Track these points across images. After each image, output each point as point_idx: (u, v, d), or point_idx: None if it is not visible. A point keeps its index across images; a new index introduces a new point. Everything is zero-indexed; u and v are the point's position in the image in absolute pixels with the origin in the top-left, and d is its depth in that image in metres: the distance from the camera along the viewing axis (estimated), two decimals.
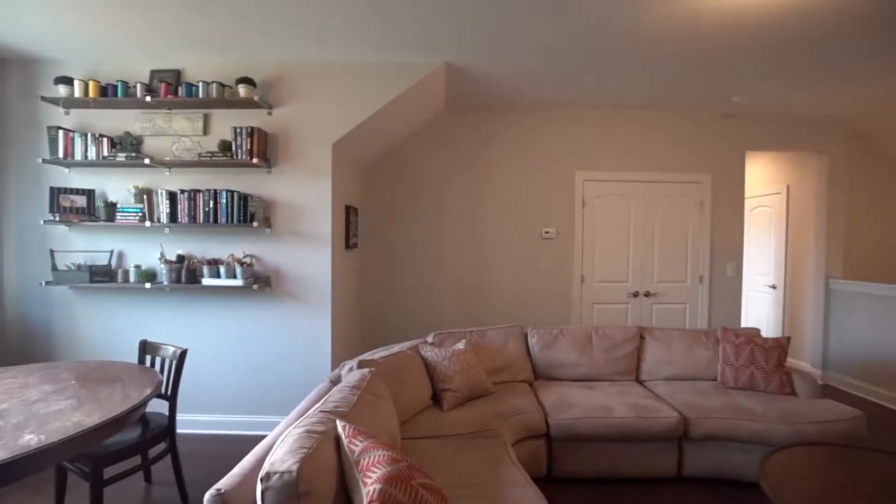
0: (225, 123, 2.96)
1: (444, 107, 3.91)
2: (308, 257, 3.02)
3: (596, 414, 2.41)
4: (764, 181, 5.05)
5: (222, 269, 2.81)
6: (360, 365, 2.17)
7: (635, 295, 4.07)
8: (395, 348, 2.62)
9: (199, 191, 2.83)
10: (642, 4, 2.23)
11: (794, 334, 4.64)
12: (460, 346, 2.68)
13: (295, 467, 1.17)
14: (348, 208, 3.41)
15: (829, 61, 2.88)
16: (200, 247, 3.00)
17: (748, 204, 5.21)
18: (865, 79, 3.17)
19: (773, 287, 4.86)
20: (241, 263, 2.84)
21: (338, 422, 1.46)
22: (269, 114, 2.98)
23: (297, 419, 1.59)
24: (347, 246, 3.40)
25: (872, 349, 3.85)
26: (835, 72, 3.05)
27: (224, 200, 2.80)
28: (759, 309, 5.06)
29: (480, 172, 4.01)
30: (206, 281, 2.82)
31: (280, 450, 1.29)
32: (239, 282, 2.78)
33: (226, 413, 3.08)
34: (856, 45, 2.64)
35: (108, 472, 1.88)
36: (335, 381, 2.17)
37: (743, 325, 5.09)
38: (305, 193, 3.01)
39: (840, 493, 1.59)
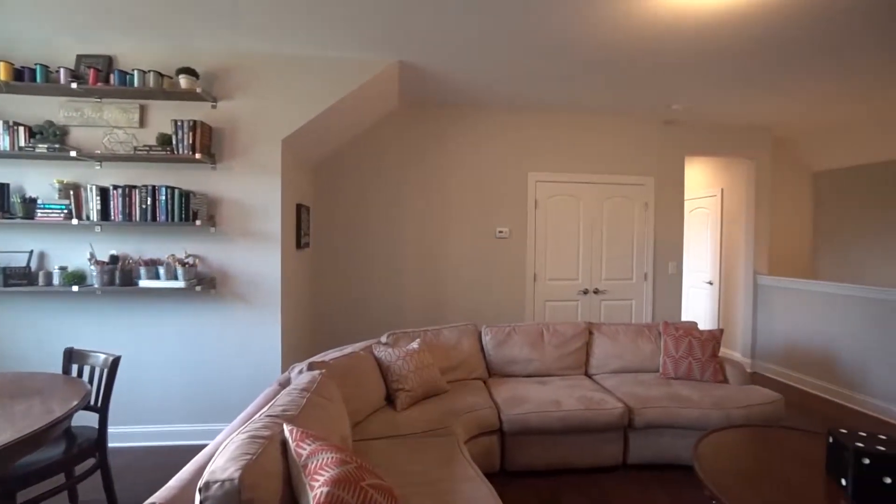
0: (164, 116, 2.78)
1: (399, 105, 3.89)
2: (257, 257, 2.90)
3: (546, 408, 2.48)
4: (701, 184, 5.40)
5: (162, 271, 2.64)
6: (311, 367, 2.11)
7: (585, 292, 4.23)
8: (348, 349, 2.58)
9: (135, 187, 2.64)
10: (586, 15, 2.32)
11: (727, 326, 5.00)
12: (414, 345, 2.67)
13: (237, 475, 1.12)
14: (299, 206, 3.31)
15: (754, 75, 3.12)
16: (137, 247, 2.80)
17: (687, 206, 5.56)
18: (784, 92, 3.47)
19: (710, 283, 5.21)
20: (183, 264, 2.68)
21: (285, 426, 1.41)
22: (214, 107, 2.84)
23: (242, 425, 1.53)
24: (299, 245, 3.30)
25: (792, 339, 4.22)
26: (759, 85, 3.31)
27: (164, 197, 2.63)
28: (698, 303, 5.41)
29: (435, 172, 4.02)
30: (144, 283, 2.64)
31: (221, 457, 1.23)
32: (180, 283, 2.62)
33: (167, 423, 2.90)
34: (775, 62, 2.88)
35: (28, 493, 1.72)
36: (284, 384, 2.10)
37: (683, 318, 5.43)
38: (254, 191, 2.89)
39: (760, 468, 1.73)
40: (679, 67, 3.02)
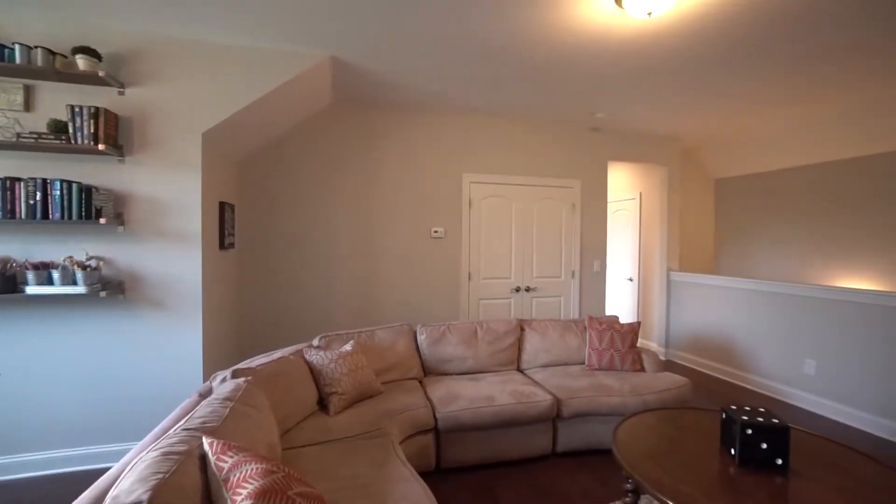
0: (57, 100, 2.48)
1: (332, 101, 3.78)
2: (174, 259, 2.68)
3: (480, 404, 2.54)
4: (623, 188, 5.83)
5: (56, 275, 2.34)
6: (235, 375, 1.99)
7: (517, 290, 4.40)
8: (277, 354, 2.46)
9: (19, 179, 2.31)
10: (514, 24, 2.41)
11: (645, 319, 5.44)
12: (348, 347, 2.62)
13: (146, 497, 1.04)
14: (223, 205, 3.10)
15: (665, 90, 3.43)
16: (23, 248, 2.46)
17: (610, 207, 5.97)
18: (690, 107, 3.85)
19: (631, 280, 5.63)
20: (84, 267, 2.40)
21: (204, 438, 1.32)
22: (122, 94, 2.57)
23: (154, 441, 1.41)
24: (222, 246, 3.10)
25: (699, 328, 4.69)
26: (669, 99, 3.64)
27: (58, 192, 2.33)
28: (621, 299, 5.83)
29: (370, 171, 3.96)
30: (32, 289, 2.32)
31: (128, 479, 1.13)
32: (80, 289, 2.35)
33: (66, 447, 2.58)
34: (682, 79, 3.18)
35: None
36: (205, 394, 1.96)
37: (607, 313, 5.82)
38: (170, 187, 2.66)
39: (667, 445, 1.91)
40: (601, 79, 3.23)
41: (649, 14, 2.14)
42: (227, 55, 2.72)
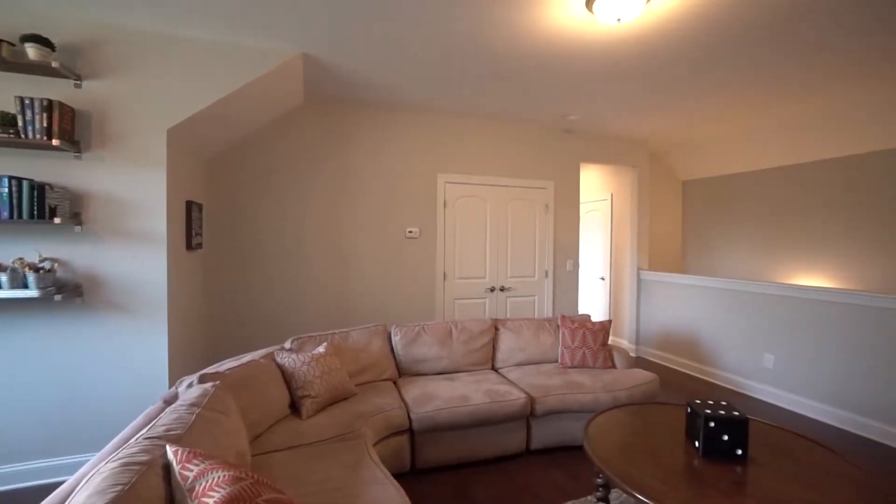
0: (5, 90, 2.33)
1: (304, 99, 3.71)
2: (137, 260, 2.57)
3: (455, 404, 2.55)
4: (595, 189, 5.96)
5: (4, 278, 2.20)
6: (203, 379, 1.93)
7: (492, 290, 4.43)
8: (247, 357, 2.40)
9: None
10: (488, 26, 2.43)
11: (616, 317, 5.58)
12: (321, 349, 2.58)
13: None
14: (190, 204, 3.00)
15: (633, 95, 3.52)
16: None
17: (583, 208, 6.09)
18: (657, 111, 3.97)
19: (603, 279, 5.76)
20: (36, 269, 2.28)
21: (168, 447, 1.27)
22: (78, 86, 2.45)
23: (114, 452, 1.35)
24: (189, 247, 2.99)
25: (667, 325, 4.84)
26: (638, 103, 3.74)
27: (6, 189, 2.19)
28: (594, 297, 5.95)
29: (343, 170, 3.91)
30: None
31: (83, 492, 1.08)
32: (32, 292, 2.22)
33: (18, 461, 2.44)
34: (649, 85, 3.28)
35: None
36: (171, 400, 1.89)
37: (580, 312, 5.93)
38: (133, 185, 2.55)
39: (635, 440, 1.96)
40: (573, 82, 3.29)
41: (619, 20, 2.20)
42: (195, 50, 2.63)
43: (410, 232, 4.10)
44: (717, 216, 5.55)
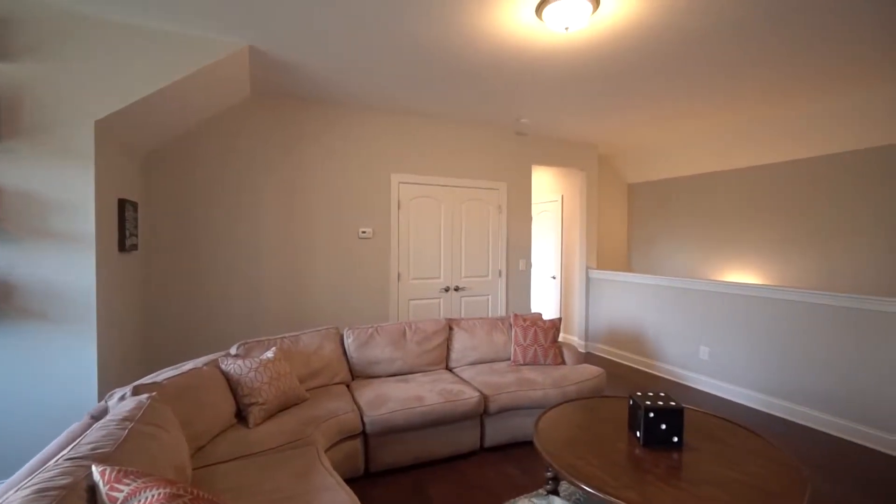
0: None
1: (252, 95, 3.56)
2: (60, 263, 2.36)
3: (409, 405, 2.54)
4: (546, 190, 6.14)
5: None
6: (137, 391, 1.80)
7: (447, 290, 4.46)
8: (188, 366, 2.27)
9: None
10: (438, 26, 2.44)
11: (567, 314, 5.78)
12: (269, 354, 2.48)
13: None
14: (123, 202, 2.79)
15: (579, 101, 3.67)
16: None
17: (535, 209, 6.26)
18: (601, 117, 4.15)
19: (554, 277, 5.95)
20: None
21: (94, 467, 1.18)
22: None
23: (28, 477, 1.23)
24: (122, 248, 2.79)
25: (614, 322, 5.08)
26: (586, 108, 3.90)
27: None
28: (546, 296, 6.14)
29: (294, 168, 3.79)
30: None
31: None
32: None
33: None
34: (597, 91, 3.43)
35: None
36: (99, 415, 1.75)
37: (533, 310, 6.10)
38: (54, 181, 2.34)
39: (581, 433, 2.05)
40: (524, 86, 3.38)
41: (567, 29, 2.28)
42: (128, 36, 2.45)
43: (364, 232, 4.04)
44: (660, 218, 5.90)
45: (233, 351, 2.61)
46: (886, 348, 2.90)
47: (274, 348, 2.56)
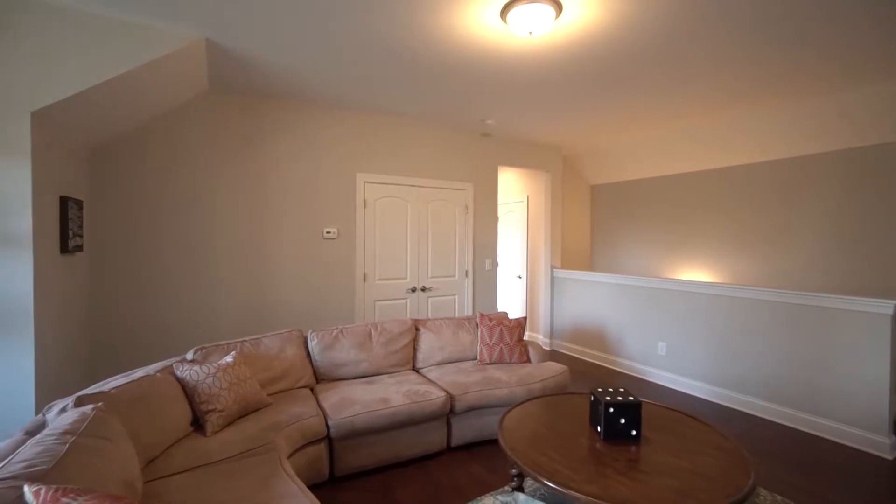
0: None
1: (210, 89, 3.42)
2: None
3: (375, 407, 2.51)
4: (512, 191, 6.22)
5: None
6: (80, 402, 1.69)
7: (413, 290, 4.44)
8: (139, 373, 2.15)
9: None
10: (406, 25, 2.42)
11: (533, 313, 5.89)
12: (229, 359, 2.39)
13: None
14: (66, 200, 2.61)
15: (543, 103, 3.74)
16: None
17: (501, 209, 6.34)
18: (565, 120, 4.26)
19: (520, 277, 6.04)
20: None
21: (26, 488, 1.09)
22: None
23: None
24: (65, 249, 2.61)
25: (578, 320, 5.21)
26: (549, 111, 3.99)
27: None
28: (512, 295, 6.22)
29: (256, 166, 3.66)
30: None
31: None
32: None
33: None
34: (561, 95, 3.51)
35: None
36: (34, 430, 1.63)
37: (499, 309, 6.17)
38: None
39: (544, 429, 2.09)
40: (489, 88, 3.41)
41: (530, 33, 2.31)
42: (72, 22, 2.29)
43: (329, 232, 3.96)
44: (621, 218, 6.10)
45: (189, 356, 2.50)
46: (824, 341, 3.12)
47: (234, 352, 2.47)
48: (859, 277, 3.84)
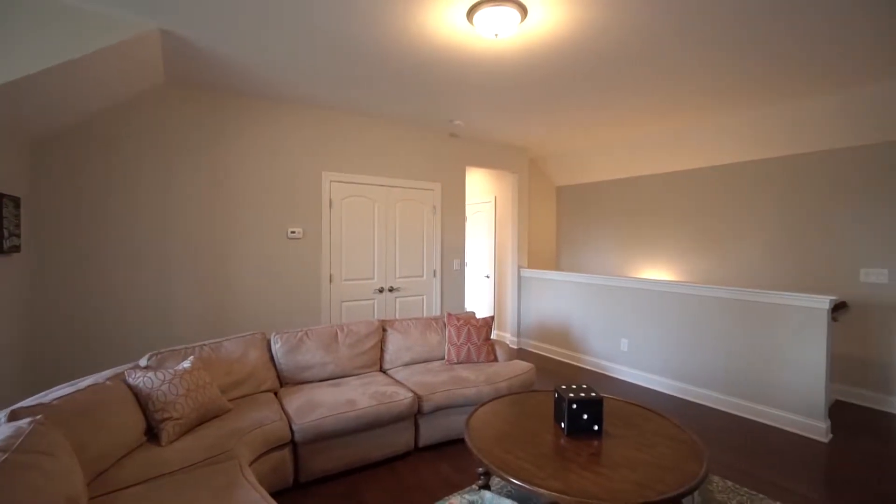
0: None
1: (166, 81, 3.26)
2: None
3: (341, 409, 2.47)
4: (480, 192, 6.28)
5: None
6: (14, 416, 1.57)
7: (381, 291, 4.40)
8: (87, 381, 2.03)
9: None
10: (372, 23, 2.40)
11: (500, 312, 5.96)
12: (186, 364, 2.29)
13: None
14: (0, 197, 2.42)
15: (509, 105, 3.80)
16: None
17: (469, 209, 6.39)
18: (531, 122, 4.34)
19: (488, 277, 6.10)
20: None
21: None
22: None
23: None
24: (0, 250, 2.42)
25: (544, 318, 5.32)
26: (515, 113, 4.05)
27: None
28: (480, 295, 6.28)
29: (216, 163, 3.52)
30: None
31: None
32: None
33: None
34: (525, 99, 3.57)
35: None
36: None
37: (467, 309, 6.21)
38: None
39: (510, 427, 2.12)
40: (456, 89, 3.42)
41: (496, 35, 2.34)
42: (7, 4, 2.12)
43: (293, 232, 3.87)
44: (585, 219, 6.28)
45: (143, 362, 2.38)
46: (769, 334, 3.32)
47: (192, 357, 2.37)
48: (804, 274, 4.11)
